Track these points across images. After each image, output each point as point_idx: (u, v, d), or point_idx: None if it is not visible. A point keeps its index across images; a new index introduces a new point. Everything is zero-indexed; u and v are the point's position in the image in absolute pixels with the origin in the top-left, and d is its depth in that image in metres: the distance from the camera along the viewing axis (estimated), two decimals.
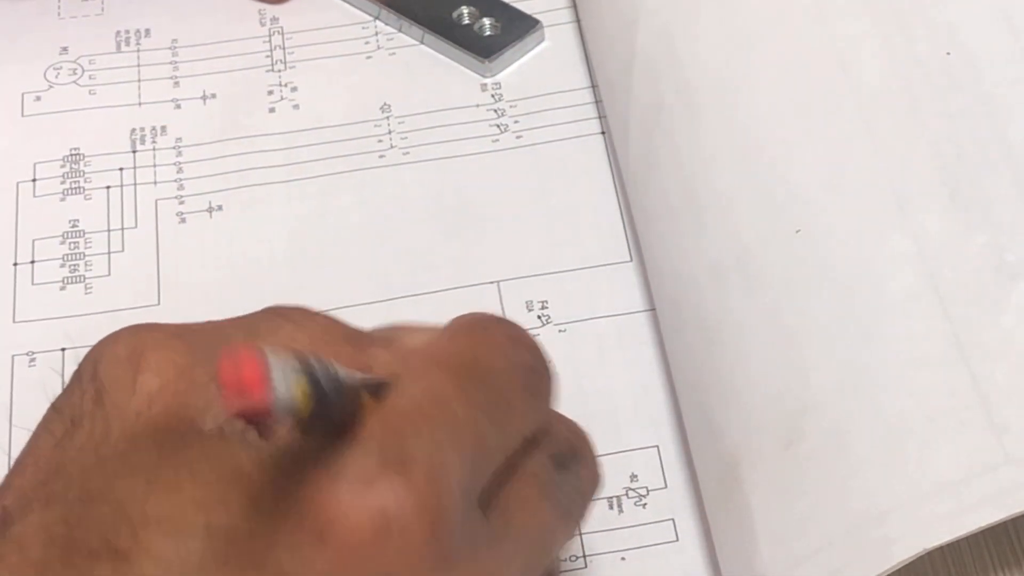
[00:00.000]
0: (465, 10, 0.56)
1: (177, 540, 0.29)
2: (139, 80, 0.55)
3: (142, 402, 0.31)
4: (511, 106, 0.54)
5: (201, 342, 0.33)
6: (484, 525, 0.33)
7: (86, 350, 0.47)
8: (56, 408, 0.33)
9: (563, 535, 0.36)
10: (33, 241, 0.51)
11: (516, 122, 0.53)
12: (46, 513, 0.30)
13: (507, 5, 0.56)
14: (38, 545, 0.30)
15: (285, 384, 0.28)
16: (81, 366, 0.33)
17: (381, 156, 0.52)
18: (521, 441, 0.35)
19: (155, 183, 0.52)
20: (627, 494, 0.44)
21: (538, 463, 0.35)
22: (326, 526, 0.30)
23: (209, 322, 0.34)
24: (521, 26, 0.55)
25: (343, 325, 0.35)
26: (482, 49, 0.55)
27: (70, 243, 0.50)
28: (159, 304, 0.49)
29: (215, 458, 0.30)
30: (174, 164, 0.52)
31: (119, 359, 0.32)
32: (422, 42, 0.55)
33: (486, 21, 0.55)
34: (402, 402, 0.32)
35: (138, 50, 0.56)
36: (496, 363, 0.34)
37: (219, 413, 0.31)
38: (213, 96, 0.54)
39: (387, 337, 0.35)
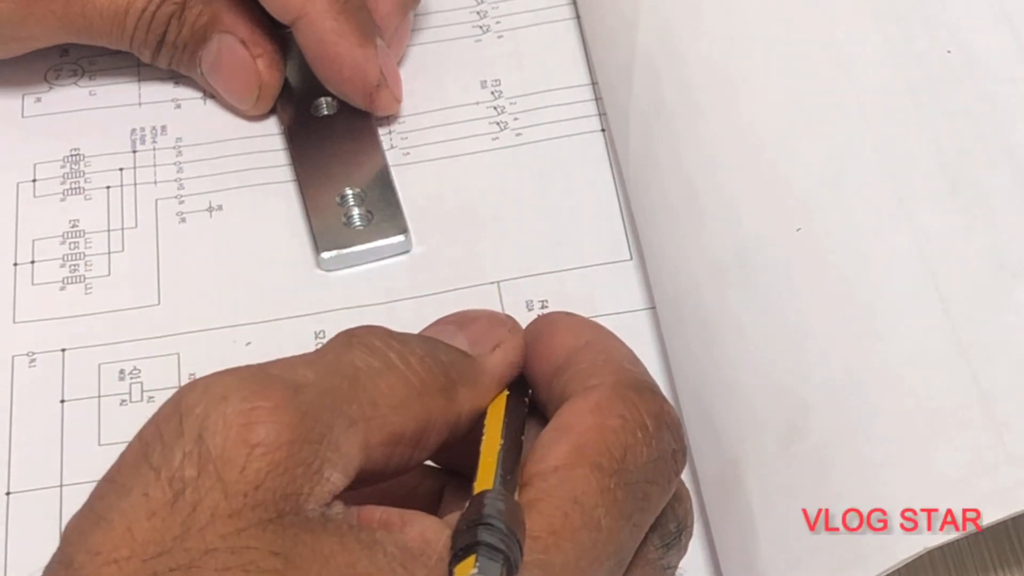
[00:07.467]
0: (351, 191, 0.50)
1: None
2: (139, 80, 0.55)
3: (250, 482, 0.30)
4: (511, 103, 0.53)
5: (310, 408, 0.31)
6: None
7: (86, 350, 0.48)
8: (153, 467, 0.31)
9: None
10: (33, 241, 0.51)
11: (516, 119, 0.53)
12: None
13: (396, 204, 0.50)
14: None
15: None
16: (182, 416, 0.31)
17: None
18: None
19: (155, 183, 0.52)
20: None
21: (653, 546, 0.35)
22: None
23: (300, 362, 0.33)
24: (384, 229, 0.49)
25: (421, 348, 0.34)
26: (328, 239, 0.49)
27: (70, 243, 0.50)
28: (159, 304, 0.49)
29: (325, 554, 0.30)
30: (174, 164, 0.52)
31: (229, 427, 0.31)
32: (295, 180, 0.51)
33: (357, 212, 0.50)
34: (547, 506, 0.32)
35: None
36: (641, 457, 0.34)
37: (323, 497, 0.31)
38: (213, 96, 0.54)
39: (465, 368, 0.35)
